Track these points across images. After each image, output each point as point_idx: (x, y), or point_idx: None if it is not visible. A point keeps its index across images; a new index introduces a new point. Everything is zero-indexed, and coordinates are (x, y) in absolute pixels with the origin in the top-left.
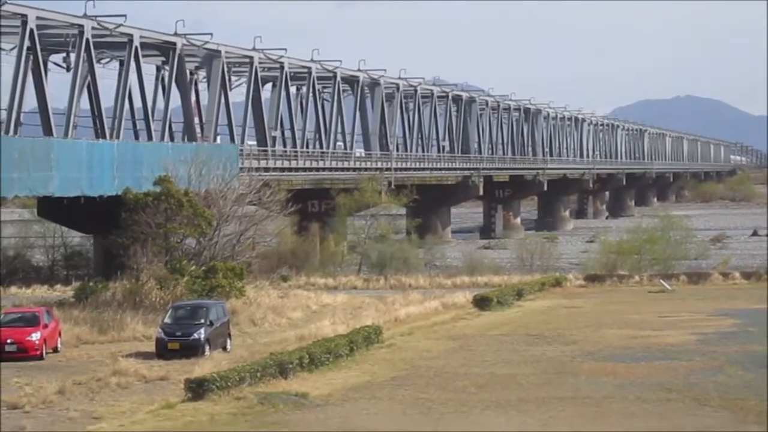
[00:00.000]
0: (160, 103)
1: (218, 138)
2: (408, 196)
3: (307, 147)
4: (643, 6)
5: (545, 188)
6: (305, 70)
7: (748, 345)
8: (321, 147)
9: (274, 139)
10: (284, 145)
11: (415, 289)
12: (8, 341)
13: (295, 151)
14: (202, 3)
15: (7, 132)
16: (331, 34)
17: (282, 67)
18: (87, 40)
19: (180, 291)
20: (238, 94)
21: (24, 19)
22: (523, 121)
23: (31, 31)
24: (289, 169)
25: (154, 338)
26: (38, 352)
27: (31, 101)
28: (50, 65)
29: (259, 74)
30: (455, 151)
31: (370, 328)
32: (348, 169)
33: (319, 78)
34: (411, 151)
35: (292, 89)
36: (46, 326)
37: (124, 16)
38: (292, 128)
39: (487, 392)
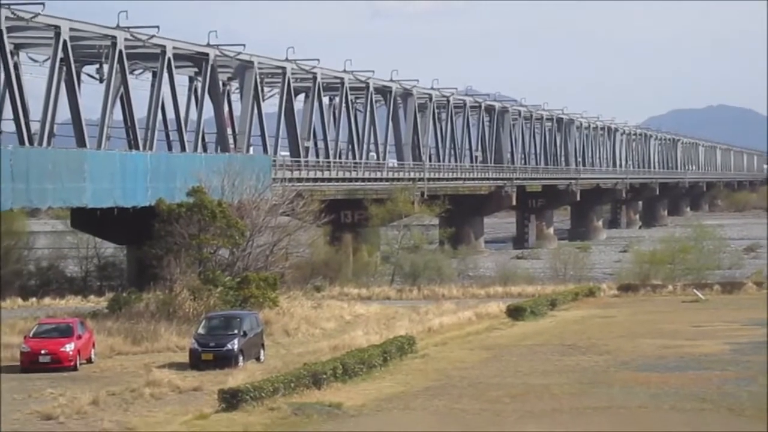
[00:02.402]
0: (193, 114)
1: (251, 149)
2: (441, 206)
3: (340, 157)
4: (675, 16)
5: (578, 198)
6: (338, 80)
7: None
8: (354, 157)
9: (306, 149)
10: (317, 156)
11: (449, 299)
12: (42, 352)
13: (328, 162)
14: (235, 14)
15: (40, 143)
16: (363, 44)
17: (315, 78)
18: (120, 51)
19: (213, 302)
20: (270, 105)
21: (57, 30)
22: (556, 130)
23: (65, 42)
24: (322, 180)
25: (188, 349)
26: (72, 363)
27: (64, 112)
28: (83, 76)
29: (292, 85)
30: (488, 161)
31: (404, 339)
32: (381, 180)
33: (352, 88)
34: (444, 161)
35: (325, 100)
36: (80, 337)
37: (157, 27)
38: (324, 139)
39: (521, 402)
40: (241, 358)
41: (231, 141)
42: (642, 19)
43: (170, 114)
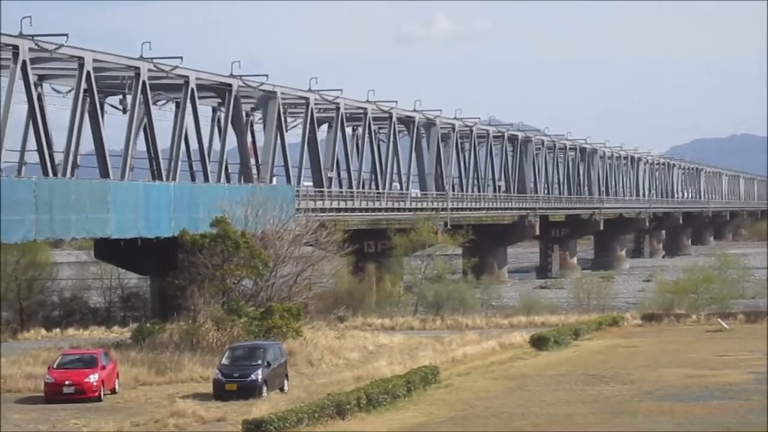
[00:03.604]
0: (216, 145)
1: (274, 179)
2: (464, 236)
3: (363, 187)
4: (699, 45)
5: (601, 227)
6: (361, 110)
7: None
8: (377, 187)
9: (330, 179)
10: (340, 186)
11: (472, 329)
12: (66, 383)
13: (351, 192)
14: (259, 41)
15: (64, 174)
16: (386, 73)
17: (338, 108)
18: (143, 82)
19: (237, 332)
20: (294, 135)
21: (81, 61)
22: (579, 160)
23: (88, 73)
24: (345, 210)
25: (212, 379)
26: (96, 394)
27: (88, 143)
28: (107, 107)
29: (315, 115)
30: (511, 191)
31: (428, 369)
32: (404, 210)
33: (375, 119)
34: (467, 191)
35: (348, 130)
36: (104, 368)
37: (180, 58)
38: (348, 169)
39: None
40: (265, 388)
41: (254, 171)
42: (666, 48)
43: (193, 144)
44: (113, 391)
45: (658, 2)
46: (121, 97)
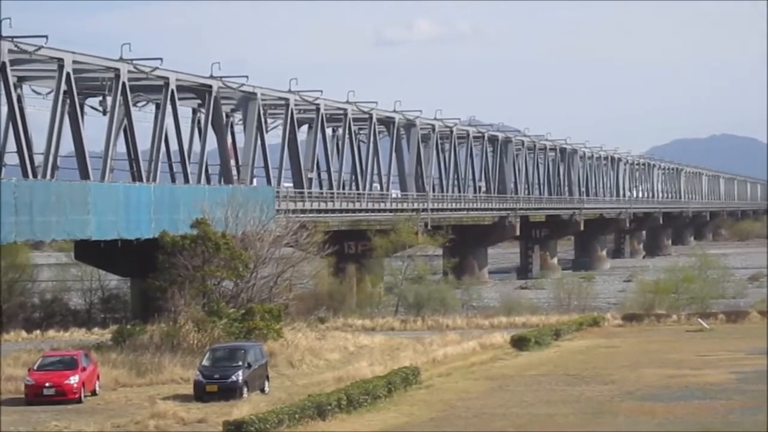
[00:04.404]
0: (197, 146)
1: (255, 180)
2: (444, 236)
3: (344, 188)
4: (678, 45)
5: (582, 228)
6: (341, 111)
7: None
8: (357, 188)
9: (310, 180)
10: (320, 187)
11: (453, 329)
12: (47, 384)
13: (332, 193)
14: (239, 43)
15: (44, 176)
16: (367, 76)
17: (318, 109)
18: (123, 83)
19: (218, 333)
20: (274, 136)
21: (60, 62)
22: (560, 160)
23: (68, 74)
24: (326, 211)
25: (192, 381)
26: (77, 396)
27: (67, 145)
28: (87, 109)
29: (295, 116)
30: (491, 192)
31: (408, 369)
32: (384, 211)
33: (355, 119)
34: (447, 191)
35: (328, 131)
36: (84, 369)
37: (160, 59)
38: (328, 170)
39: None
40: (245, 389)
41: (234, 172)
42: (645, 48)
43: (173, 146)
44: (94, 393)
45: (639, 2)
46: (101, 98)
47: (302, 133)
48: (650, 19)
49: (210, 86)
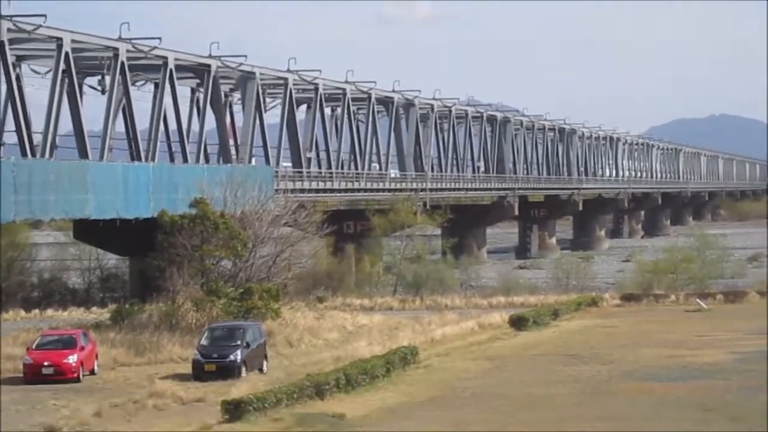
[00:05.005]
0: (195, 126)
1: (253, 160)
2: (443, 216)
3: (342, 168)
4: (677, 24)
5: (580, 208)
6: (340, 91)
7: None
8: (356, 168)
9: (309, 160)
10: (319, 167)
11: (451, 309)
12: (45, 364)
13: (330, 173)
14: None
15: (42, 155)
16: (365, 54)
17: (316, 89)
18: (122, 62)
19: (216, 313)
20: (272, 116)
21: (59, 42)
22: (558, 140)
23: (66, 54)
24: (325, 191)
25: (191, 360)
26: (75, 375)
27: (66, 124)
28: (85, 88)
29: (294, 95)
30: (490, 172)
31: (407, 349)
32: (383, 190)
33: (354, 99)
34: (446, 171)
35: (327, 110)
36: (83, 348)
37: (159, 38)
38: (327, 149)
39: (525, 412)
40: (244, 369)
41: (233, 152)
42: (644, 27)
43: (172, 125)
44: (92, 372)
45: None
46: (99, 77)
47: (301, 113)
48: None
49: (209, 65)
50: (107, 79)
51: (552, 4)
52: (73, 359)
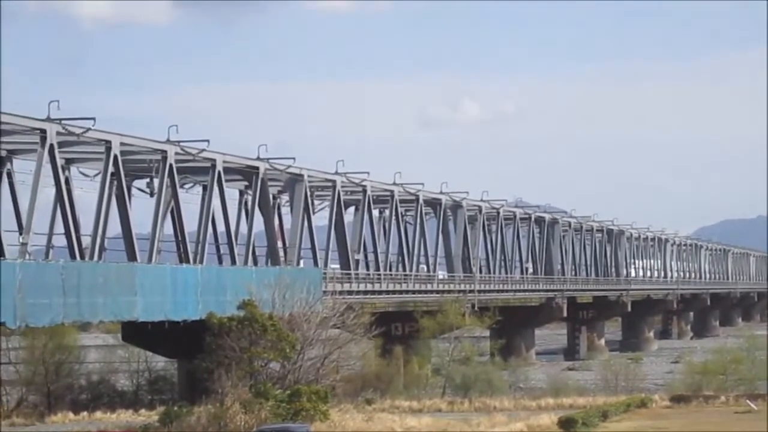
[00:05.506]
0: (243, 228)
1: (302, 262)
2: (491, 317)
3: (390, 270)
4: (720, 126)
5: (629, 309)
6: (388, 193)
7: None
8: (404, 269)
9: (357, 262)
10: (367, 268)
11: (500, 411)
12: None
13: (378, 274)
14: (284, 126)
15: (91, 257)
16: (413, 156)
17: (365, 191)
18: (170, 165)
19: (265, 415)
20: (321, 218)
21: (108, 145)
22: (606, 241)
23: (115, 156)
24: (373, 292)
25: None
26: None
27: (115, 227)
28: (134, 190)
29: (342, 197)
30: (538, 273)
31: None
32: (431, 292)
33: (402, 201)
34: (494, 273)
35: (375, 212)
36: None
37: (207, 141)
38: (375, 251)
39: None
40: None
41: (281, 254)
42: (688, 129)
43: (220, 227)
44: None
45: (684, 82)
46: (148, 180)
47: (349, 215)
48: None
49: (257, 168)
50: (155, 181)
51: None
52: None
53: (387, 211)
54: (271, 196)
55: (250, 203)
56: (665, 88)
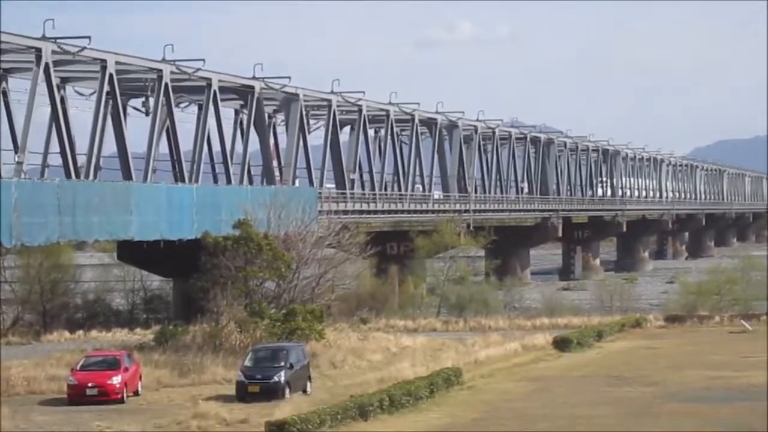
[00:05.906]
0: (239, 147)
1: (297, 181)
2: (486, 237)
3: (386, 189)
4: (721, 44)
5: (624, 229)
6: (383, 112)
7: None
8: (399, 189)
9: (352, 181)
10: (363, 188)
11: (495, 330)
12: (89, 385)
13: (374, 194)
14: (280, 46)
15: (87, 176)
16: (409, 76)
17: (360, 110)
18: (166, 84)
19: (260, 334)
20: (316, 137)
21: (103, 64)
22: (602, 162)
23: (111, 75)
24: (368, 212)
25: (235, 381)
26: (119, 396)
27: (110, 146)
28: (129, 110)
29: (338, 117)
30: (534, 193)
31: (450, 370)
32: (426, 212)
33: (397, 120)
34: (489, 192)
35: (371, 132)
36: (126, 370)
37: (203, 60)
38: (370, 171)
39: None
40: (287, 390)
41: (277, 173)
42: (687, 48)
43: (216, 147)
44: (136, 393)
45: (681, 3)
46: (143, 99)
47: (344, 134)
48: (690, 20)
49: (252, 87)
50: (151, 100)
51: (593, 25)
52: (117, 380)
53: (382, 131)
54: (266, 116)
55: (245, 122)
56: (660, 7)
